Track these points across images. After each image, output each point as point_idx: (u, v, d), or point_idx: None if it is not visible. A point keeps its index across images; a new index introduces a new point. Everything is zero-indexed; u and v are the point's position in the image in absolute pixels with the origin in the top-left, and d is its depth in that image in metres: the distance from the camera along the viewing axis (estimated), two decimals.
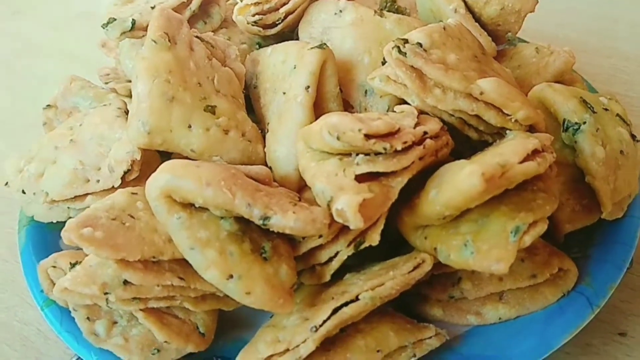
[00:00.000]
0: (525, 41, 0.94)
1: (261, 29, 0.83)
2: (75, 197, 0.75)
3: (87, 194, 0.74)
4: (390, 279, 0.62)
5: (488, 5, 0.82)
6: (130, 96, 0.89)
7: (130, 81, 0.89)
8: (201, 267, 0.60)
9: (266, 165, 0.74)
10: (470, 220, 0.62)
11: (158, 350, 0.67)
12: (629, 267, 0.71)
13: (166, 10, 0.76)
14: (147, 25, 0.80)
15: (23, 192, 0.78)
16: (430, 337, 0.66)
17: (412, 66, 0.67)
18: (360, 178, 0.59)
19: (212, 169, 0.60)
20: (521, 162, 0.58)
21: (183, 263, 0.62)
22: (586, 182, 0.72)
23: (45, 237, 0.82)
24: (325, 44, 0.74)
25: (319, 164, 0.63)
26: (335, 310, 0.61)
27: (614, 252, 0.72)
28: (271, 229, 0.60)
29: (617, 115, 0.76)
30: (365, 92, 0.78)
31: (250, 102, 0.83)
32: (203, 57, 0.76)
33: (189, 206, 0.61)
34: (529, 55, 0.88)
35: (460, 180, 0.55)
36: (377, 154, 0.61)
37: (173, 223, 0.60)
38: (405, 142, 0.58)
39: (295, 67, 0.74)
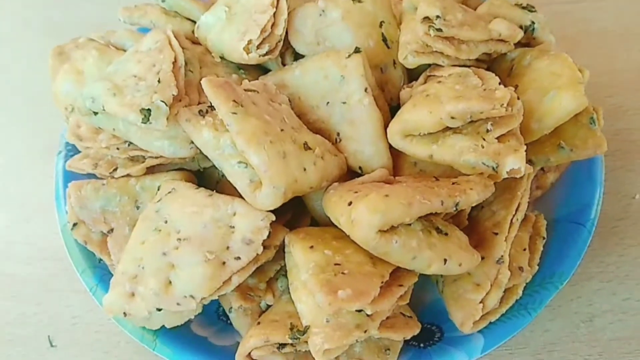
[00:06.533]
0: None
1: (271, 56, 0.86)
2: (223, 283, 0.77)
3: (231, 276, 0.77)
4: (521, 196, 0.81)
5: None
6: (146, 173, 0.88)
7: (142, 159, 0.86)
8: (425, 267, 0.72)
9: (349, 169, 0.84)
10: None
11: (388, 349, 0.78)
12: None
13: (212, 79, 0.76)
14: (175, 97, 0.79)
15: (158, 310, 0.76)
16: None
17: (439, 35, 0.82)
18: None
19: (398, 191, 0.70)
20: None
21: (391, 274, 0.74)
22: None
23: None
24: (358, 47, 0.83)
25: (442, 145, 0.76)
26: None
27: None
28: (459, 209, 0.73)
29: None
30: (381, 69, 0.89)
31: None
32: (267, 105, 0.79)
33: (393, 228, 0.70)
34: None
35: (567, 102, 0.75)
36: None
37: (394, 249, 0.70)
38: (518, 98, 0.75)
39: (343, 77, 0.82)
